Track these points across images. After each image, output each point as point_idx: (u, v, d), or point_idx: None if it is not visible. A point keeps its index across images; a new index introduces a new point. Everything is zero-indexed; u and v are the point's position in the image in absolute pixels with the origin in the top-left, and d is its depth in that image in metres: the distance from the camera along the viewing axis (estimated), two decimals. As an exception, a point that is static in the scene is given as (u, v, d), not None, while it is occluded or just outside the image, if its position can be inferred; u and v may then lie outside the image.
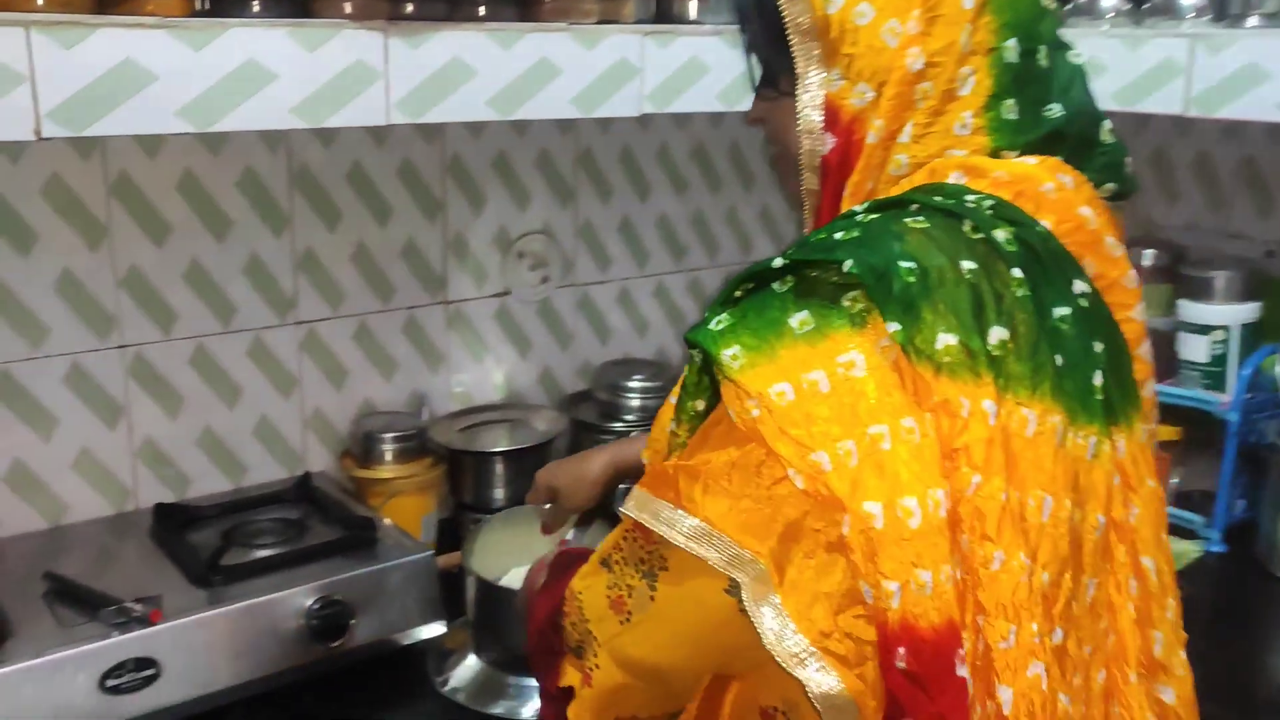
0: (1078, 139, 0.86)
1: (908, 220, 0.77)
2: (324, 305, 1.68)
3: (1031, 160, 0.85)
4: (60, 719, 1.19)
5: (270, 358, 1.65)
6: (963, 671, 0.71)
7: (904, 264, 0.73)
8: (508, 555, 1.42)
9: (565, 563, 0.97)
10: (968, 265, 0.75)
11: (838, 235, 0.77)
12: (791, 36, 0.84)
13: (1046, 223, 0.80)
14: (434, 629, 1.43)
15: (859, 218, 0.80)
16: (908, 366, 0.72)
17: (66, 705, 1.19)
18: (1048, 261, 0.78)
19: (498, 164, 1.80)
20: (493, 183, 1.80)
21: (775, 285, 0.77)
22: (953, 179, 0.81)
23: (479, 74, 1.30)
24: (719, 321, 0.76)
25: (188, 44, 1.11)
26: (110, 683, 1.22)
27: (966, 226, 0.77)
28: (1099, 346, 0.79)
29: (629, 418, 1.82)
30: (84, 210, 1.45)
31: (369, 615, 1.37)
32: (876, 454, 0.70)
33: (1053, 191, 0.82)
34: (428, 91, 1.27)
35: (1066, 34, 0.88)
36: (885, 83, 0.81)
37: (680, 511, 0.75)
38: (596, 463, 1.26)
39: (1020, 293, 0.75)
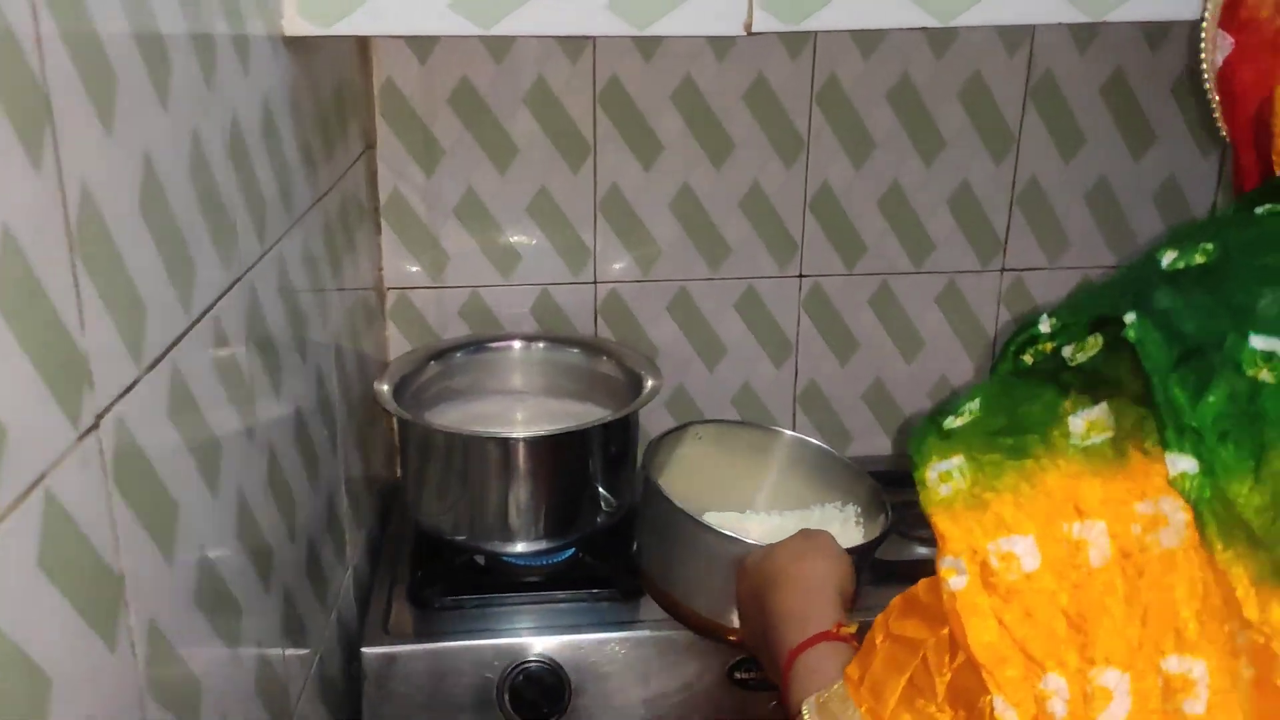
0: None
1: None
2: (1039, 253, 1.35)
3: None
4: (690, 693, 1.06)
5: (964, 306, 1.37)
6: None
7: (1259, 341, 0.39)
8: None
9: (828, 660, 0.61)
10: None
11: (1166, 260, 0.45)
12: None
13: None
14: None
15: (1256, 208, 0.47)
16: (1218, 573, 0.39)
17: (699, 686, 1.06)
18: None
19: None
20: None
21: (1068, 352, 0.47)
22: None
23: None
24: (962, 414, 0.48)
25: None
26: (738, 675, 1.06)
27: None
28: None
29: None
30: (785, 120, 1.27)
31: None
32: (1178, 714, 0.39)
33: None
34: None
35: None
36: None
37: None
38: None
39: None
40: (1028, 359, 0.49)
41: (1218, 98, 0.57)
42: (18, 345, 0.44)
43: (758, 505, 1.08)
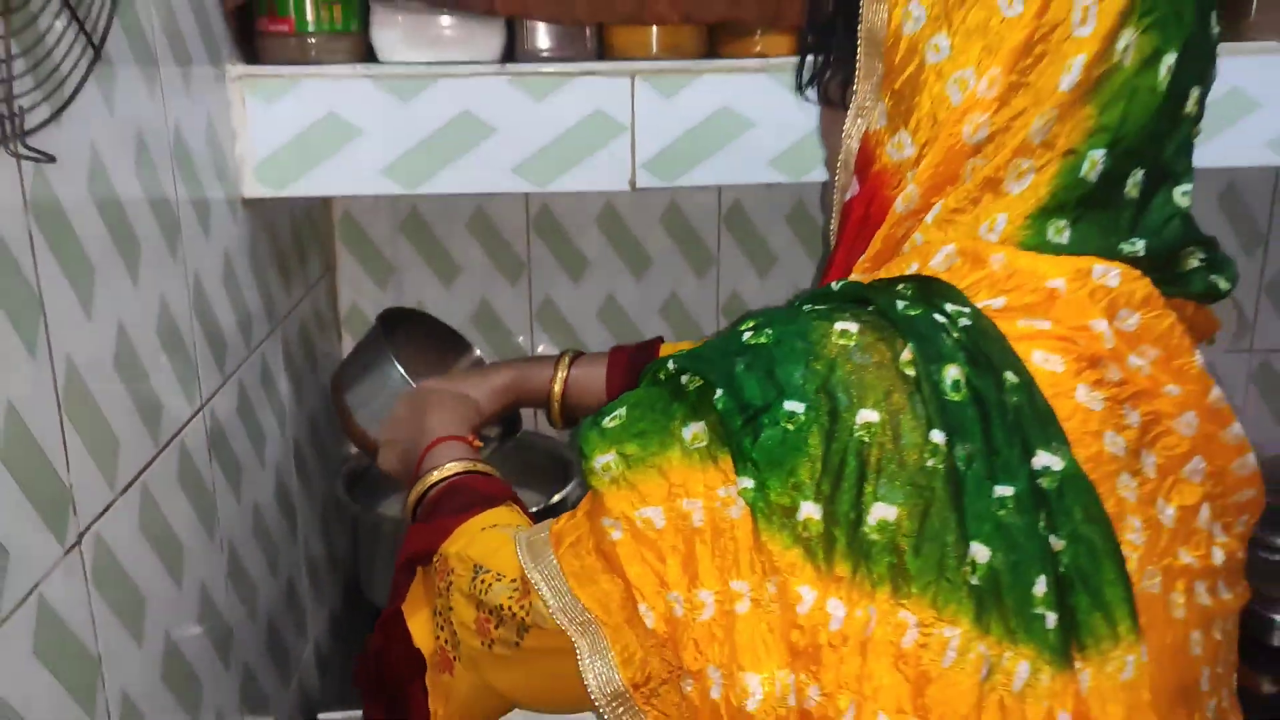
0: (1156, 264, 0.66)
1: (835, 332, 0.63)
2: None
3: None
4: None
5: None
6: None
7: (789, 404, 0.61)
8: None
9: (462, 503, 0.85)
10: (868, 417, 0.60)
11: (745, 336, 0.65)
12: (861, 40, 0.68)
13: (1040, 354, 0.62)
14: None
15: (801, 304, 0.67)
16: (754, 529, 0.61)
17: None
18: (997, 421, 0.60)
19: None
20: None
21: (686, 380, 0.65)
22: (942, 260, 0.65)
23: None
24: (614, 417, 0.67)
25: (786, 86, 1.00)
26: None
27: (906, 354, 0.61)
28: (1059, 543, 0.60)
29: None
30: (697, 238, 1.44)
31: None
32: (729, 616, 0.62)
33: (1065, 290, 0.63)
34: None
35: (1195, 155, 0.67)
36: (931, 143, 0.65)
37: (569, 590, 0.67)
38: (500, 376, 1.09)
39: (931, 462, 0.59)
40: (661, 376, 0.67)
41: (835, 218, 0.73)
42: (17, 486, 0.60)
43: None
